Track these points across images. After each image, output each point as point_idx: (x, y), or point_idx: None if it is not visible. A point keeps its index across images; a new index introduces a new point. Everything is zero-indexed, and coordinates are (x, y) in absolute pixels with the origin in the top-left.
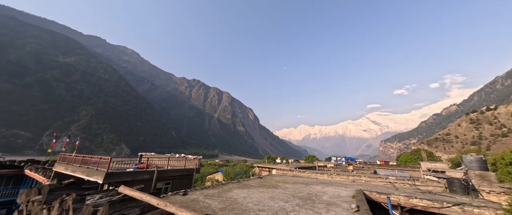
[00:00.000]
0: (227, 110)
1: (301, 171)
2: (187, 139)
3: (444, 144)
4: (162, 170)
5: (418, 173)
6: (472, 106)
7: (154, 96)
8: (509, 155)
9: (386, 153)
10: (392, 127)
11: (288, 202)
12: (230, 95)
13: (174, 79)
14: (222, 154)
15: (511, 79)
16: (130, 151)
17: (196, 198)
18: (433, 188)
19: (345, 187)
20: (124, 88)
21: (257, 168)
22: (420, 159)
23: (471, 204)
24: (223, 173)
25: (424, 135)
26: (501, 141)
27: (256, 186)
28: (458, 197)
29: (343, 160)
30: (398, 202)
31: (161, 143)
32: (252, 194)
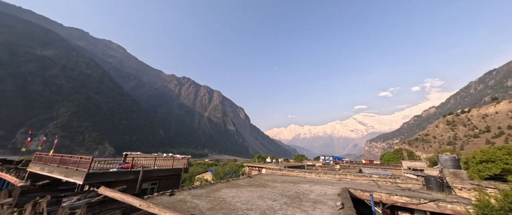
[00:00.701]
0: (217, 109)
1: (290, 170)
2: (176, 138)
3: (423, 143)
4: (148, 170)
5: (400, 171)
6: (449, 109)
7: (141, 94)
8: (479, 155)
9: (371, 152)
10: (377, 127)
11: (276, 201)
12: (221, 94)
13: (163, 77)
14: (212, 153)
15: (483, 84)
16: (114, 150)
17: (184, 198)
18: (412, 185)
19: (331, 186)
20: (109, 85)
21: (247, 167)
22: (402, 158)
23: (445, 200)
24: (212, 172)
25: (405, 135)
26: (473, 141)
27: (245, 185)
28: (434, 194)
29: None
30: (380, 199)
31: (148, 142)
32: (241, 193)
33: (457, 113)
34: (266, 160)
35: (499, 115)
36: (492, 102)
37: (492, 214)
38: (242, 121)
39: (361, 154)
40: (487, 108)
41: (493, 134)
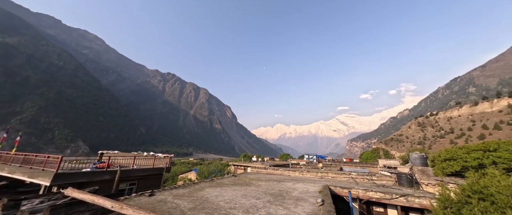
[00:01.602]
0: (204, 107)
1: (274, 169)
2: (158, 136)
3: (397, 143)
4: (127, 169)
5: (376, 169)
6: (420, 112)
7: (121, 89)
8: (443, 153)
9: (352, 151)
10: (358, 127)
11: (259, 199)
12: (207, 92)
13: (145, 72)
14: (197, 152)
15: (449, 90)
16: (89, 149)
17: (164, 199)
18: (386, 182)
19: (313, 183)
20: (84, 78)
21: (232, 166)
22: (378, 157)
23: (413, 194)
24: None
25: (382, 135)
26: (439, 141)
27: (229, 184)
28: (404, 189)
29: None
30: (357, 195)
31: (128, 140)
32: (225, 192)
33: (427, 115)
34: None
35: (461, 117)
36: (456, 107)
37: (451, 206)
38: (229, 120)
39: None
40: (451, 111)
41: (456, 135)
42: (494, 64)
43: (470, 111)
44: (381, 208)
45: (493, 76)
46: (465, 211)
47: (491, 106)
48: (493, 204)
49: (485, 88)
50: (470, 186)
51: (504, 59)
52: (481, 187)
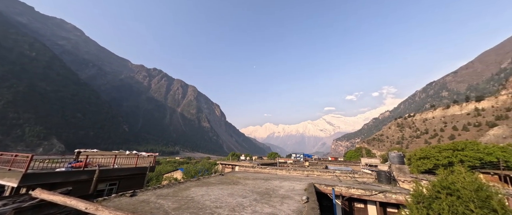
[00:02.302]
0: (192, 105)
1: (262, 167)
2: (143, 134)
3: (378, 142)
4: (106, 169)
5: (359, 167)
6: (399, 113)
7: (102, 84)
8: (418, 152)
9: (337, 150)
10: (343, 127)
11: (246, 198)
12: (196, 90)
13: (129, 66)
14: (184, 151)
15: (425, 94)
16: (64, 147)
17: (147, 199)
18: (367, 179)
19: (299, 181)
20: (60, 71)
21: (220, 165)
22: (361, 156)
23: (391, 191)
24: (183, 171)
25: (365, 135)
26: (415, 141)
27: (216, 183)
28: (383, 186)
29: (301, 157)
30: (340, 192)
31: (109, 138)
32: (211, 191)
33: (405, 117)
34: (241, 157)
35: (435, 119)
36: (431, 109)
37: (423, 201)
38: (217, 118)
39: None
40: (427, 113)
41: (430, 135)
42: (464, 70)
43: (443, 113)
44: (361, 204)
45: (463, 82)
46: (435, 205)
47: (460, 109)
48: (458, 198)
49: (456, 93)
50: (439, 182)
51: (472, 67)
52: (449, 183)
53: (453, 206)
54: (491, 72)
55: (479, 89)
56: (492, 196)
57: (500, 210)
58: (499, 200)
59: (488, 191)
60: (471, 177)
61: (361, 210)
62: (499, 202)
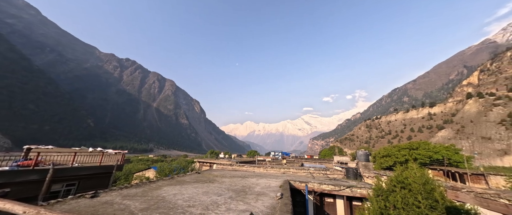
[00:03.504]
0: (169, 100)
1: (240, 165)
2: (111, 130)
3: (350, 142)
4: (63, 168)
5: (331, 164)
6: (368, 115)
7: (63, 72)
8: (382, 151)
9: (313, 148)
10: (319, 127)
11: (221, 196)
12: (174, 84)
13: (97, 55)
14: (158, 148)
15: (390, 98)
16: (11, 143)
17: (111, 200)
18: (337, 175)
19: (276, 179)
20: (7, 54)
21: (197, 163)
22: (334, 154)
23: (357, 186)
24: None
25: (339, 134)
26: (380, 141)
27: (191, 181)
28: (350, 182)
29: (279, 155)
30: (313, 188)
31: (70, 133)
32: (185, 190)
33: (373, 119)
34: (219, 155)
35: (397, 121)
36: (394, 113)
37: (382, 194)
38: (197, 115)
39: (305, 150)
40: (390, 116)
41: (392, 136)
42: (421, 79)
43: (403, 117)
44: (331, 199)
45: (420, 89)
46: (391, 198)
47: (417, 114)
48: (410, 191)
49: (415, 99)
50: (396, 177)
51: (428, 76)
52: (403, 178)
53: (405, 198)
54: (442, 82)
55: (433, 96)
56: (435, 188)
57: (440, 200)
58: (440, 192)
59: (432, 185)
60: (421, 173)
61: (330, 204)
62: (440, 194)
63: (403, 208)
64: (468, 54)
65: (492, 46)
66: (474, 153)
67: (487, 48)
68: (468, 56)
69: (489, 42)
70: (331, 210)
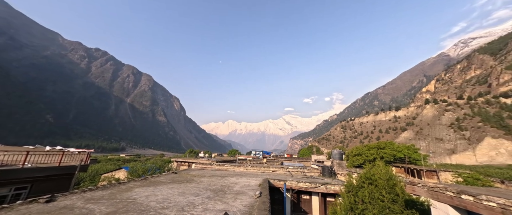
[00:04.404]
0: (146, 95)
1: (220, 165)
2: (76, 126)
3: (326, 141)
4: (11, 169)
5: (309, 163)
6: (344, 117)
7: (16, 59)
8: (354, 150)
9: (293, 148)
10: (299, 127)
11: (198, 196)
12: (152, 79)
13: (59, 42)
14: (132, 147)
15: (363, 102)
16: None
17: (71, 204)
18: (314, 173)
19: (255, 177)
20: None
21: (175, 162)
22: (312, 153)
23: (331, 183)
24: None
25: (317, 134)
26: (353, 141)
27: (167, 182)
28: (325, 179)
29: (260, 154)
30: (291, 186)
31: (23, 130)
32: (159, 191)
33: (347, 120)
34: (199, 154)
35: (368, 123)
36: (365, 115)
37: (352, 190)
38: (176, 112)
39: (285, 149)
40: (363, 118)
41: (364, 136)
42: (389, 85)
43: (373, 119)
44: (307, 196)
45: (388, 94)
46: (359, 193)
47: (385, 116)
48: (376, 186)
49: (383, 103)
50: (364, 174)
51: (395, 83)
52: (370, 175)
53: (372, 193)
54: (406, 89)
55: (398, 101)
56: (397, 184)
57: (400, 194)
58: (400, 187)
59: (395, 180)
60: (385, 170)
61: (307, 201)
62: (400, 188)
63: (370, 202)
64: (428, 64)
65: (446, 59)
66: (429, 152)
67: (442, 60)
68: (427, 66)
69: (444, 55)
70: (307, 207)
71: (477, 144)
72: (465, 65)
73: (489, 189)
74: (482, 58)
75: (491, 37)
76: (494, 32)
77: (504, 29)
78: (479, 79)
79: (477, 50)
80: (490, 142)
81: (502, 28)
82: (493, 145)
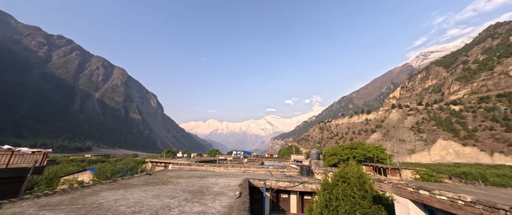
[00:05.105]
0: (118, 91)
1: (200, 165)
2: (30, 122)
3: (305, 142)
4: None
5: (288, 162)
6: (322, 118)
7: None
8: (330, 150)
9: (273, 148)
10: (280, 128)
11: (175, 198)
12: (125, 73)
13: (12, 25)
14: (100, 146)
15: (339, 105)
16: None
17: (20, 212)
18: (293, 173)
19: (235, 177)
20: None
21: (149, 163)
22: (291, 153)
23: (308, 182)
24: (94, 171)
25: (296, 135)
26: (330, 141)
27: (139, 184)
28: (303, 178)
29: (241, 154)
30: (270, 185)
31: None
32: (131, 194)
33: (325, 122)
34: (177, 154)
35: (343, 125)
36: (341, 117)
37: (328, 188)
38: (153, 110)
39: (266, 149)
40: (338, 120)
41: (339, 137)
42: (363, 90)
43: (348, 121)
44: (286, 195)
45: (361, 99)
46: (334, 190)
47: (358, 119)
48: (348, 184)
49: (357, 106)
50: (339, 173)
51: (367, 88)
52: (344, 173)
53: (345, 190)
54: (376, 94)
55: (370, 105)
56: (366, 181)
57: (369, 190)
58: (369, 184)
59: (365, 178)
60: (357, 168)
61: (285, 200)
62: (369, 185)
63: (343, 199)
64: (395, 73)
65: (410, 69)
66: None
67: (407, 70)
68: (394, 74)
69: (408, 65)
70: (285, 205)
71: (431, 144)
72: (424, 75)
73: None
74: (438, 70)
75: (445, 52)
76: (447, 47)
77: (455, 45)
78: (435, 88)
79: (434, 63)
80: (442, 143)
81: (454, 45)
82: (443, 146)
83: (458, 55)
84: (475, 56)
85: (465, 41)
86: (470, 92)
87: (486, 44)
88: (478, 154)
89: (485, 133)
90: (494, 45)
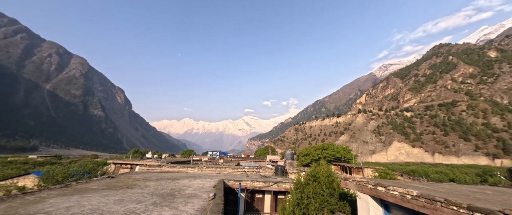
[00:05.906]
0: (76, 83)
1: (171, 166)
2: None
3: (281, 143)
4: None
5: (264, 163)
6: (297, 120)
7: None
8: (303, 151)
9: (250, 148)
10: (258, 128)
11: (141, 203)
12: (86, 63)
13: None
14: (49, 146)
15: (313, 108)
16: None
17: None
18: (268, 173)
19: (210, 179)
20: None
21: (112, 165)
22: (267, 153)
23: (282, 181)
24: (40, 175)
25: (273, 136)
26: (303, 142)
27: (99, 189)
28: (278, 178)
29: (217, 154)
30: (246, 186)
31: None
32: (87, 200)
33: (300, 123)
34: (146, 155)
35: (316, 127)
36: (314, 120)
37: (300, 187)
38: (119, 106)
39: (243, 149)
40: (312, 122)
41: (312, 138)
42: (334, 95)
43: (320, 123)
44: (260, 195)
45: (333, 103)
46: (306, 189)
47: (329, 122)
48: (319, 183)
49: (329, 110)
50: (310, 172)
51: (338, 94)
52: (315, 173)
53: (315, 188)
54: (346, 99)
55: (340, 109)
56: (334, 180)
57: (336, 188)
58: (337, 182)
59: (333, 177)
60: (327, 168)
61: (260, 200)
62: (336, 184)
63: (313, 197)
64: (361, 81)
65: (373, 78)
66: (358, 153)
67: (371, 78)
68: (361, 82)
69: (372, 74)
70: (260, 205)
71: (388, 146)
72: (385, 84)
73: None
74: (395, 80)
75: (402, 65)
76: (403, 61)
77: (409, 60)
78: (392, 96)
79: (392, 74)
80: (396, 144)
81: (408, 60)
82: (397, 147)
83: (411, 69)
84: (424, 70)
85: (417, 57)
86: (419, 101)
87: (431, 61)
88: (423, 154)
89: (429, 136)
90: (438, 62)
